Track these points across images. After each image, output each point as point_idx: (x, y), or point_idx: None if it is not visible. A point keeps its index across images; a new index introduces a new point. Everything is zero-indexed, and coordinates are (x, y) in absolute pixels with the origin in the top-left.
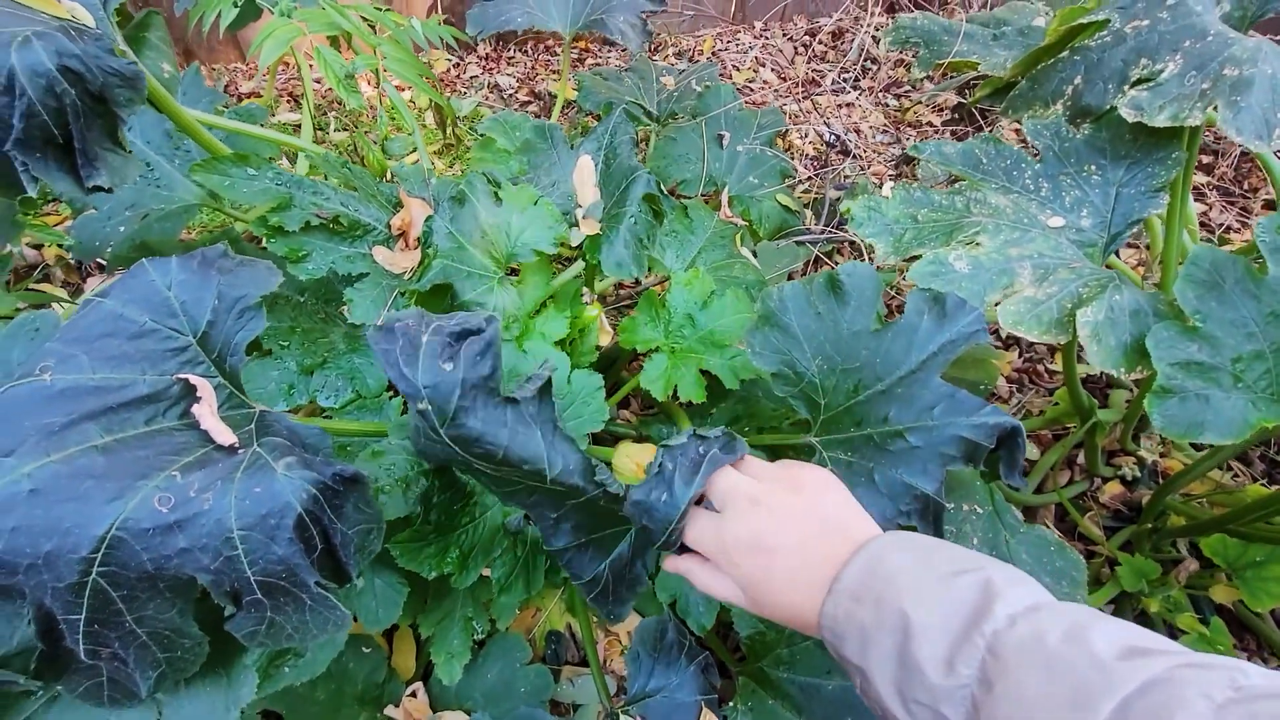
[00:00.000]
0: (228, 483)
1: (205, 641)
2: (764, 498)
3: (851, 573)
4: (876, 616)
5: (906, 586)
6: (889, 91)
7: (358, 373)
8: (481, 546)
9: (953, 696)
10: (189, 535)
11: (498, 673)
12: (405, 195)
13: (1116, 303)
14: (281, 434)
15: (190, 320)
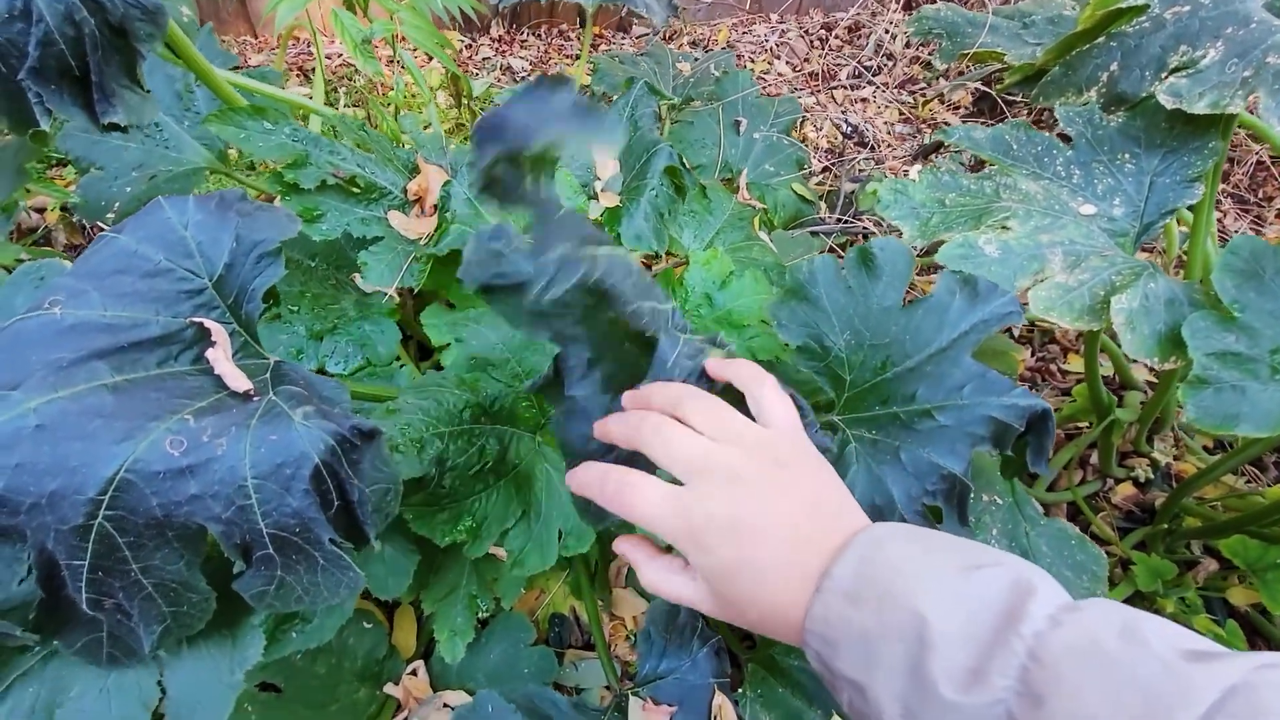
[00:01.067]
0: (242, 429)
1: (212, 597)
2: (744, 468)
3: (846, 566)
4: (881, 620)
5: (917, 582)
6: (904, 88)
7: (368, 340)
8: (496, 516)
9: (982, 717)
10: (201, 481)
11: (501, 652)
12: (422, 161)
13: (1151, 290)
14: (298, 384)
15: (206, 262)
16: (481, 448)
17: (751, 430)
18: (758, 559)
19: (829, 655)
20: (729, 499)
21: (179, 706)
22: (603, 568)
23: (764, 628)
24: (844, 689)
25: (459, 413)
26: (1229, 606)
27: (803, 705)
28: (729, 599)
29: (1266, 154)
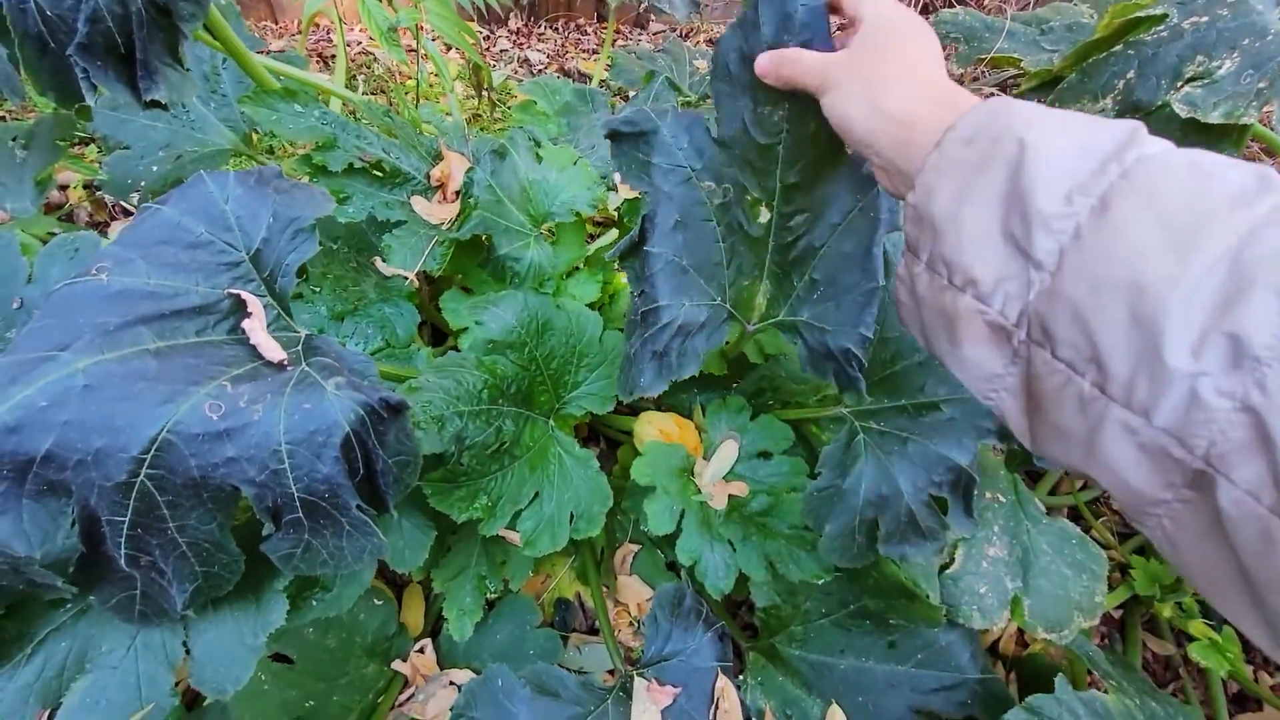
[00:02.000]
0: (278, 396)
1: (241, 559)
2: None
3: (969, 118)
4: (987, 153)
5: (1035, 117)
6: None
7: (388, 322)
8: (510, 496)
9: (1050, 226)
10: (237, 445)
11: (508, 633)
12: (445, 148)
13: None
14: (329, 356)
15: (245, 236)
16: (499, 428)
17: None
18: (918, 69)
19: (927, 200)
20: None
21: (203, 667)
22: (609, 554)
23: (893, 139)
24: (929, 239)
25: (478, 393)
26: None
27: (802, 693)
28: (879, 85)
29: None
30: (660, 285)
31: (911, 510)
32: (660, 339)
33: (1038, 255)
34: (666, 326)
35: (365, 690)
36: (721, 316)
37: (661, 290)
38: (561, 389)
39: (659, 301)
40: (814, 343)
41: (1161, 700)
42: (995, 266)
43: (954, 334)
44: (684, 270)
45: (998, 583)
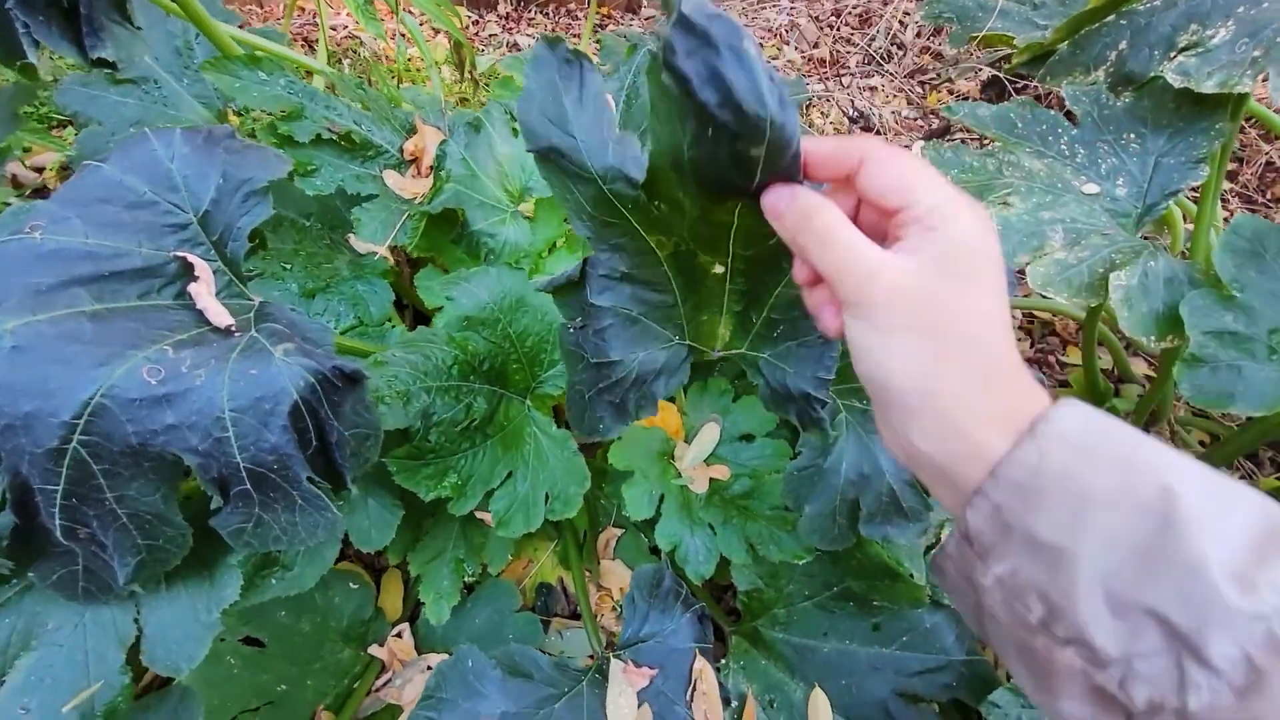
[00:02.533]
0: (222, 362)
1: (189, 532)
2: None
3: (1072, 416)
4: (1117, 482)
5: (1167, 458)
6: (914, 78)
7: (360, 299)
8: (481, 476)
9: (1233, 624)
10: (177, 411)
11: (487, 617)
12: (420, 121)
13: (1151, 269)
14: (281, 323)
15: (192, 197)
16: (469, 405)
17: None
18: (990, 335)
19: (1020, 510)
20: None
21: (155, 644)
22: (591, 538)
23: (944, 446)
24: (1016, 555)
25: (448, 368)
26: None
27: (784, 677)
28: (942, 363)
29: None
30: (611, 340)
31: (893, 489)
32: (616, 391)
33: (1213, 659)
34: (621, 381)
35: (341, 675)
36: (681, 355)
37: (613, 346)
38: (537, 367)
39: (611, 357)
40: (774, 382)
41: None
42: (1123, 639)
43: (1043, 679)
44: (635, 320)
45: None
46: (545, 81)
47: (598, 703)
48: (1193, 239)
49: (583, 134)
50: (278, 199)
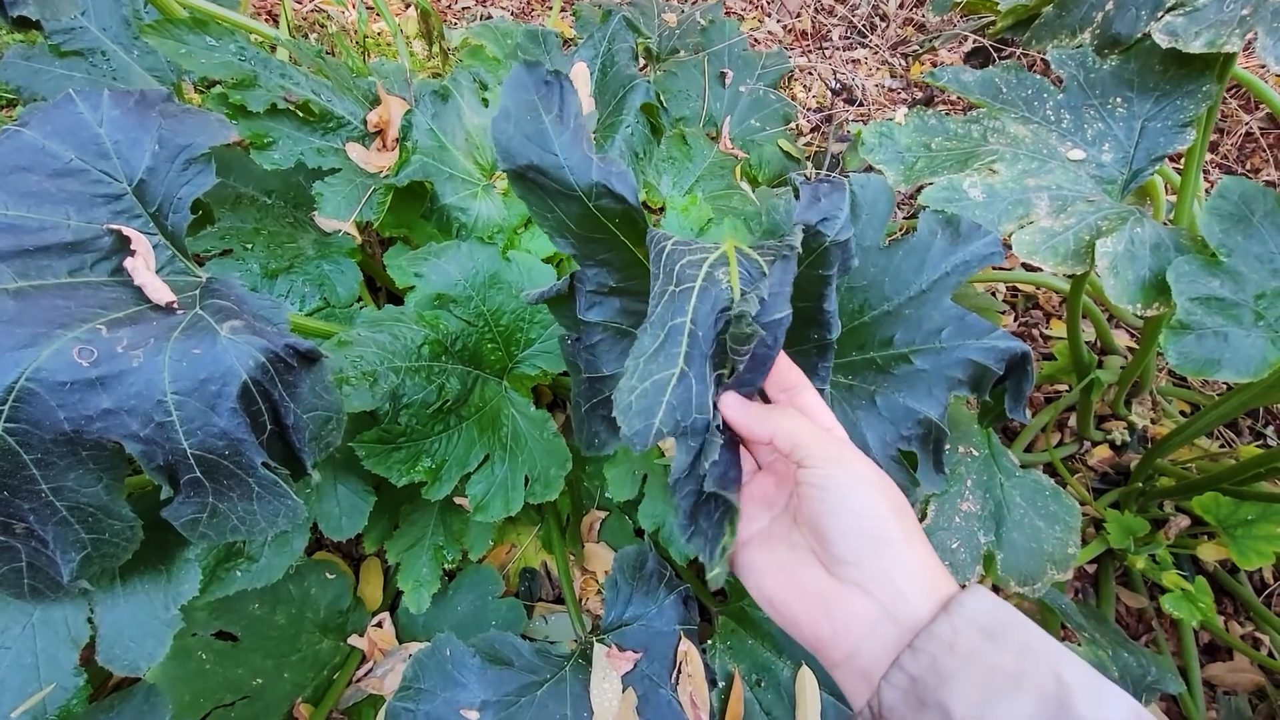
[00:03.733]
0: (162, 341)
1: (138, 525)
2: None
3: (980, 601)
4: (1020, 667)
5: (1060, 651)
6: (896, 50)
7: (327, 279)
8: (456, 459)
9: None
10: (114, 395)
11: (469, 604)
12: (384, 91)
13: (1137, 235)
14: (229, 299)
15: (125, 164)
16: (441, 385)
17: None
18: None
19: (935, 685)
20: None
21: (111, 644)
22: (575, 522)
23: (823, 627)
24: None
25: (417, 348)
26: (1197, 563)
27: (772, 656)
28: (829, 533)
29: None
30: (603, 355)
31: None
32: (608, 405)
33: None
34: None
35: (320, 667)
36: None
37: (605, 361)
38: (513, 347)
39: (603, 372)
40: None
41: (1134, 651)
42: None
43: None
44: (625, 333)
45: (970, 538)
46: (523, 101)
47: (581, 688)
48: (1177, 205)
49: (565, 152)
50: (237, 175)
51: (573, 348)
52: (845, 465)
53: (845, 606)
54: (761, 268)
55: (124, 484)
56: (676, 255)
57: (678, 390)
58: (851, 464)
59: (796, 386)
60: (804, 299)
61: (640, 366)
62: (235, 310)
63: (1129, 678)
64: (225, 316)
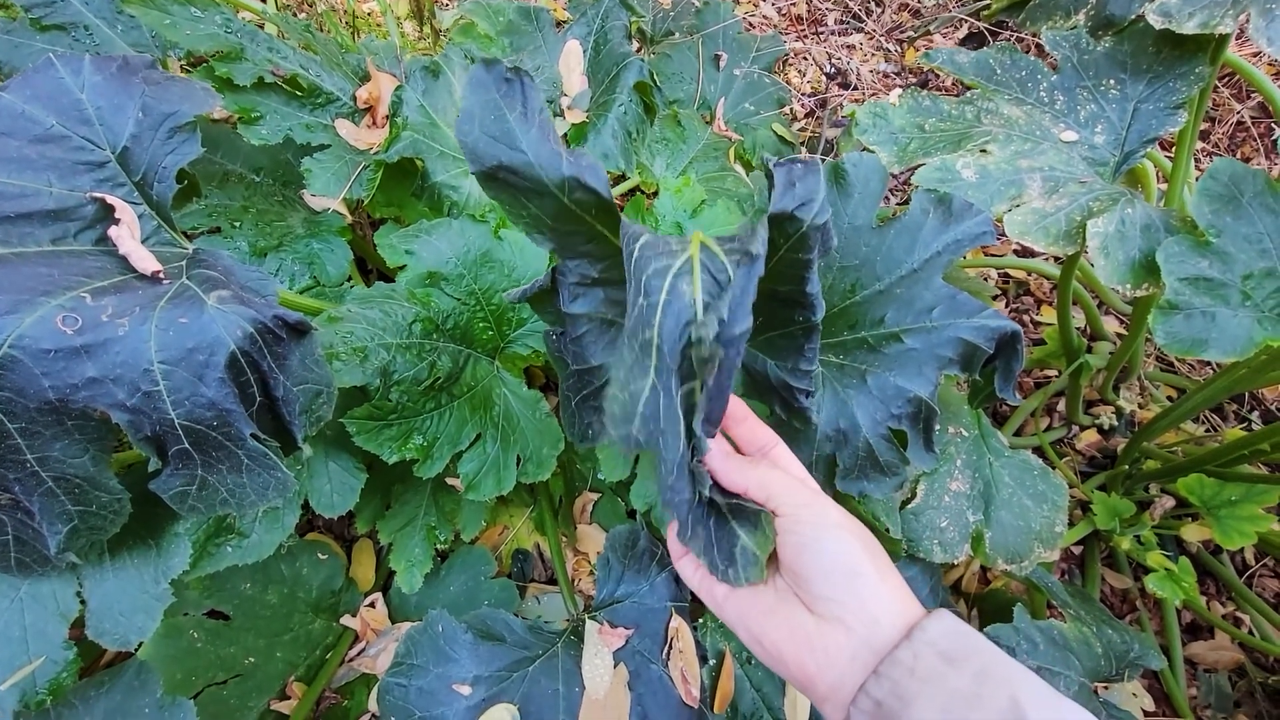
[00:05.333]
0: (148, 310)
1: (126, 497)
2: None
3: (940, 626)
4: (977, 690)
5: (1017, 673)
6: (891, 35)
7: (316, 258)
8: (448, 437)
9: None
10: (99, 363)
11: (461, 585)
12: (374, 67)
13: (1128, 216)
14: (216, 270)
15: (108, 131)
16: (432, 363)
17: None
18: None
19: (899, 708)
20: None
21: (101, 618)
22: (567, 503)
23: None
24: None
25: (408, 325)
26: (1181, 545)
27: None
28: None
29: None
30: (589, 347)
31: (870, 445)
32: (601, 397)
33: None
34: (604, 387)
35: (312, 646)
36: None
37: (592, 352)
38: (505, 326)
39: (591, 363)
40: (755, 372)
41: (1118, 628)
42: None
43: None
44: (611, 323)
45: (959, 516)
46: (485, 101)
47: (573, 664)
48: (1168, 189)
49: (533, 149)
50: (225, 152)
51: (558, 342)
52: (818, 510)
53: (826, 639)
54: (729, 272)
55: (111, 455)
56: (644, 262)
57: (650, 402)
58: (825, 509)
59: (768, 444)
60: (785, 283)
61: (622, 376)
62: (223, 280)
63: (1113, 653)
64: (212, 286)
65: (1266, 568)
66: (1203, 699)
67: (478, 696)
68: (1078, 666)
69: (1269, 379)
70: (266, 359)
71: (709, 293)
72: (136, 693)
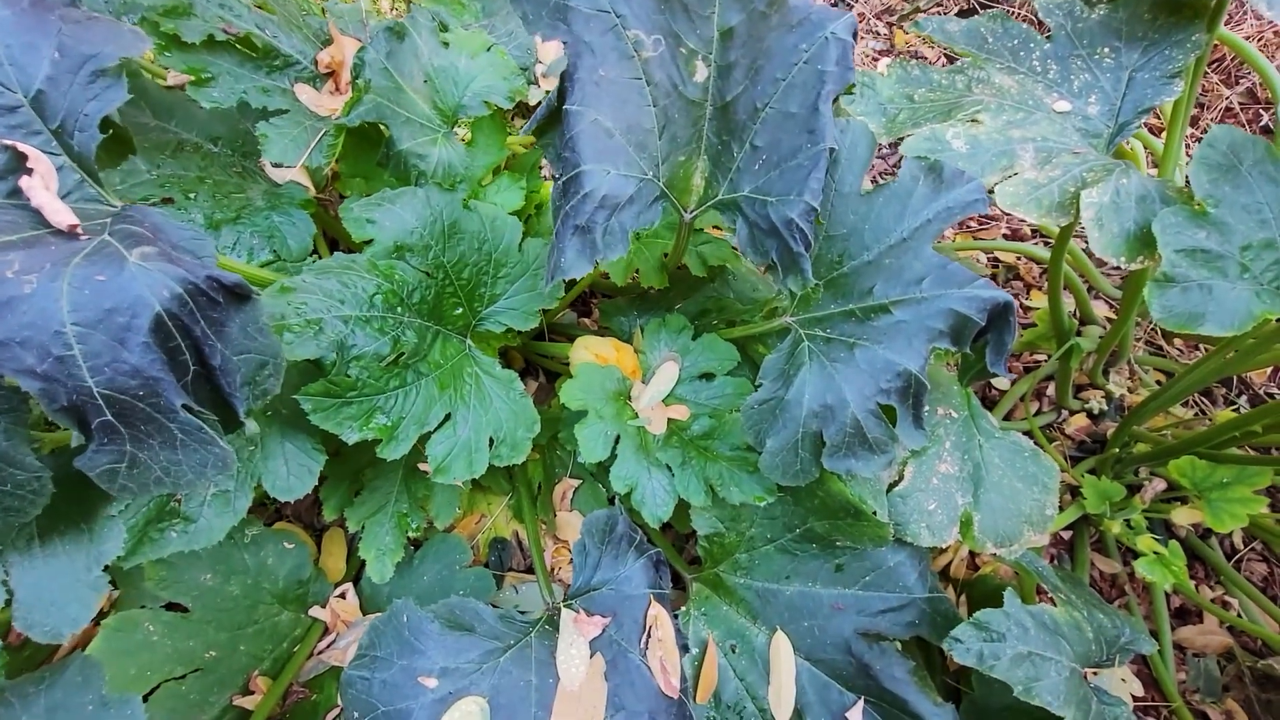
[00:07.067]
0: (60, 267)
1: (46, 476)
2: None
3: None
4: None
5: None
6: (882, 17)
7: (277, 231)
8: (414, 417)
9: None
10: (4, 324)
11: (435, 574)
12: (336, 30)
13: (1123, 186)
14: (143, 226)
15: (19, 73)
16: (395, 338)
17: None
18: None
19: None
20: None
21: (29, 609)
22: (547, 490)
23: None
24: None
25: (369, 298)
26: (1169, 529)
27: (746, 622)
28: None
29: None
30: (582, 147)
31: (858, 420)
32: (583, 210)
33: None
34: (589, 195)
35: (279, 639)
36: (653, 193)
37: (584, 153)
38: (477, 302)
39: (581, 166)
40: (755, 217)
41: (1108, 613)
42: None
43: None
44: (609, 133)
45: (948, 499)
46: None
47: (547, 654)
48: (1162, 160)
49: None
50: (179, 120)
51: (553, 155)
52: None
53: None
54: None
55: (26, 429)
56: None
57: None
58: None
59: None
60: (799, 100)
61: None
62: (149, 237)
63: (1104, 638)
64: (136, 242)
65: (1255, 551)
66: (1191, 683)
67: (445, 689)
68: (1068, 652)
69: (1258, 362)
70: (200, 324)
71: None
72: (79, 689)
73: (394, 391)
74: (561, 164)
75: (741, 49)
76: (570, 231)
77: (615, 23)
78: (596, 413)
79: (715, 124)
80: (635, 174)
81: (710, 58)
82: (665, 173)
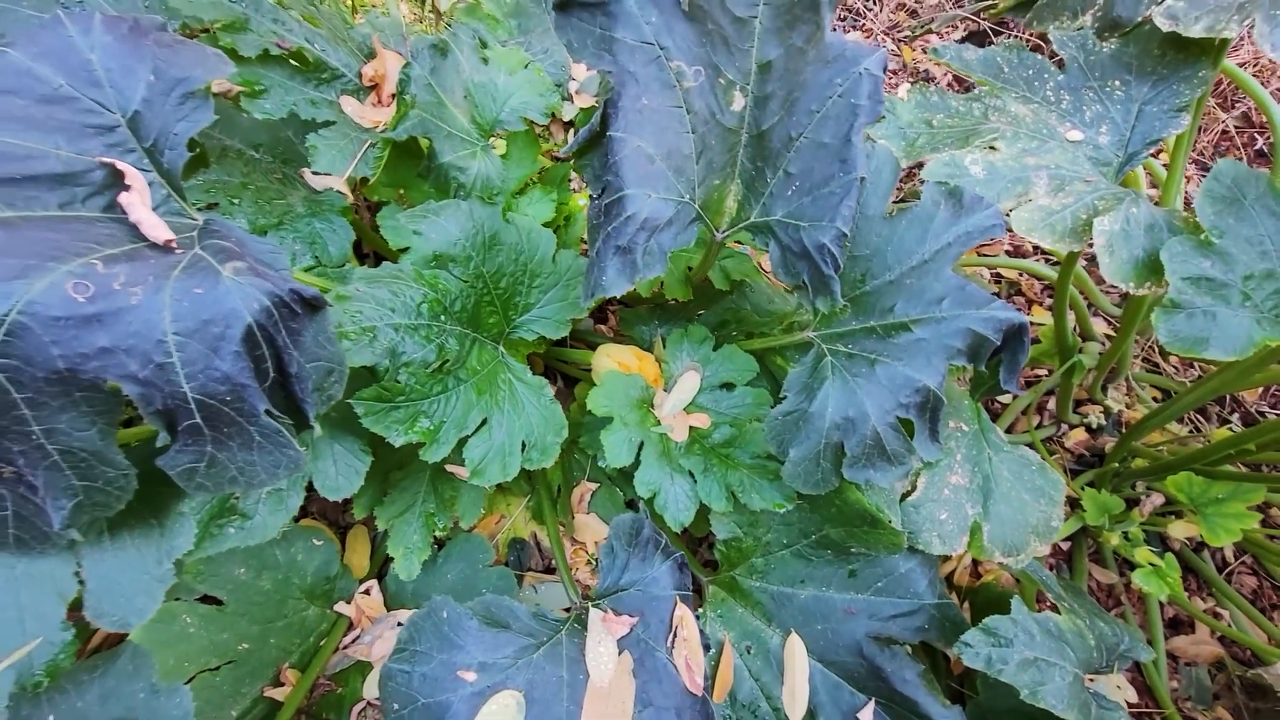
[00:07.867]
0: (161, 280)
1: (132, 474)
2: None
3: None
4: None
5: None
6: (890, 34)
7: (318, 237)
8: (455, 421)
9: None
10: (111, 332)
11: (459, 572)
12: (379, 45)
13: (1133, 215)
14: (229, 241)
15: (118, 95)
16: (440, 345)
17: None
18: None
19: None
20: None
21: (100, 599)
22: (565, 493)
23: None
24: None
25: (416, 306)
26: (1164, 542)
27: (761, 624)
28: None
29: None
30: (626, 173)
31: (878, 433)
32: (625, 232)
33: None
34: (631, 218)
35: (306, 633)
36: (690, 215)
37: (627, 178)
38: (511, 311)
39: (624, 190)
40: (788, 240)
41: (1109, 621)
42: None
43: None
44: (650, 159)
45: (958, 509)
46: None
47: (577, 651)
48: (1164, 190)
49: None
50: (223, 128)
51: (597, 198)
52: None
53: None
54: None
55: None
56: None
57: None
58: None
59: None
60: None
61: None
62: (237, 252)
63: (1104, 646)
64: (227, 257)
65: (1245, 565)
66: (1183, 691)
67: (483, 683)
68: (1072, 658)
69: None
70: (281, 334)
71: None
72: (130, 678)
73: (437, 397)
74: (603, 186)
75: (778, 81)
76: (612, 252)
77: (659, 54)
78: (621, 419)
79: (750, 150)
80: (674, 197)
81: (748, 89)
82: (700, 195)
